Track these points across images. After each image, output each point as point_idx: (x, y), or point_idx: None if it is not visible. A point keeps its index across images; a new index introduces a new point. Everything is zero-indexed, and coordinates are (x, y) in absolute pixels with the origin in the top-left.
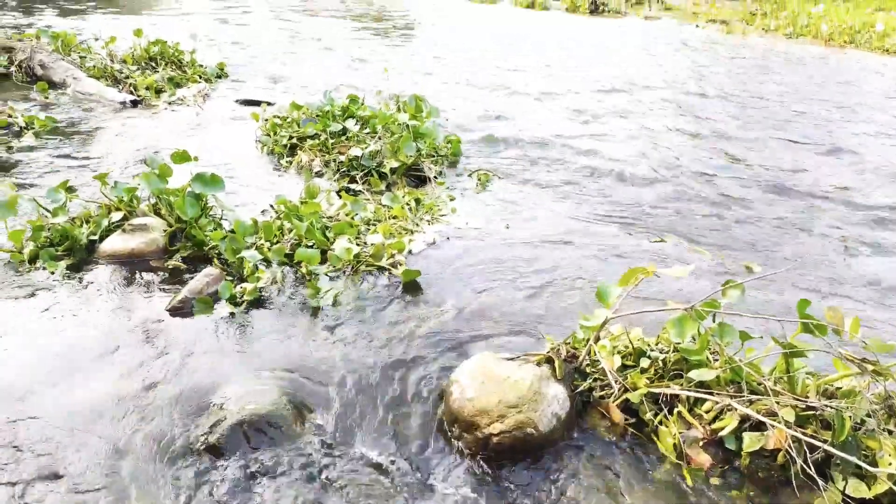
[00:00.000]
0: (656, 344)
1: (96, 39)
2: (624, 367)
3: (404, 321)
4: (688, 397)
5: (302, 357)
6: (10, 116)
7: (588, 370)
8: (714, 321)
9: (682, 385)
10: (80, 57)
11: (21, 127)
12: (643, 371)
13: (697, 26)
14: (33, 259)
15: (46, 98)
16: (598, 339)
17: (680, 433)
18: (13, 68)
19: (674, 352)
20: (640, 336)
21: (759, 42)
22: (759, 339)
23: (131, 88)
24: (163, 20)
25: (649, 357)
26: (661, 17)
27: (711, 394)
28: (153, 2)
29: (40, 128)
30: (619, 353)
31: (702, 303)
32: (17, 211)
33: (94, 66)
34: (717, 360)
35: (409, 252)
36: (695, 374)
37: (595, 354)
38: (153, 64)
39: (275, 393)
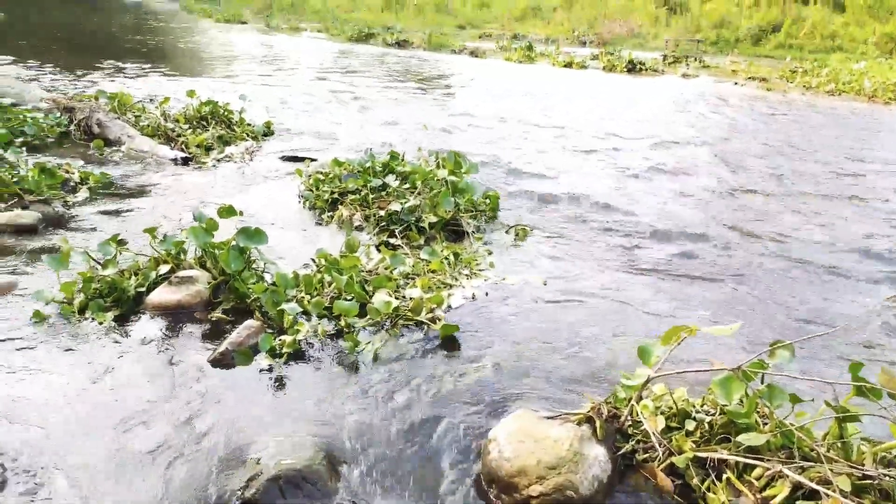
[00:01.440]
0: (702, 405)
1: (151, 100)
2: (668, 429)
3: (442, 376)
4: (737, 462)
5: (338, 411)
6: (67, 172)
7: (630, 431)
8: (762, 383)
9: (730, 449)
10: (136, 116)
11: (77, 182)
12: (689, 434)
13: (736, 84)
14: (83, 310)
15: (102, 155)
16: (640, 399)
17: (729, 500)
18: (73, 127)
19: (720, 414)
20: (684, 397)
21: (800, 99)
22: (810, 402)
23: (183, 146)
24: (215, 82)
25: (695, 419)
26: (699, 75)
27: (762, 459)
28: (208, 66)
29: (95, 183)
30: (662, 413)
31: (749, 363)
32: (69, 263)
33: (149, 125)
34: (766, 423)
35: (448, 306)
36: (743, 439)
37: (638, 415)
38: (204, 123)
39: (310, 448)
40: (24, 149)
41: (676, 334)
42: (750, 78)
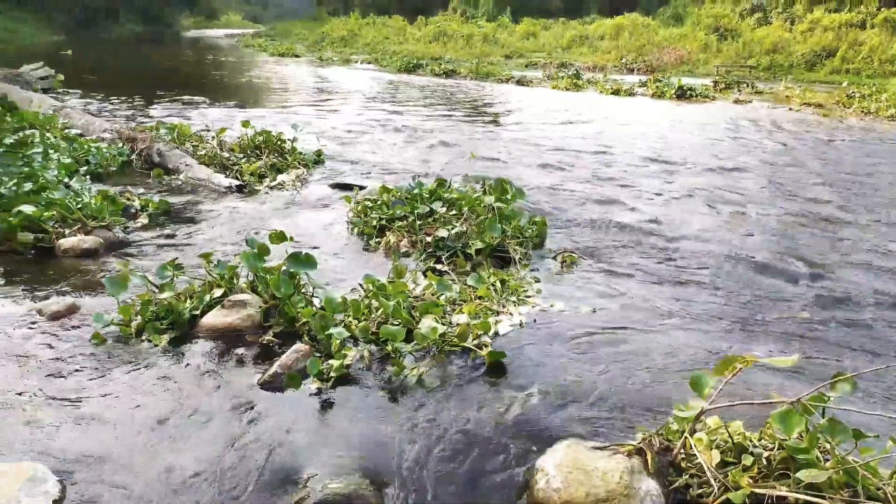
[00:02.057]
0: (759, 439)
1: (208, 130)
2: (724, 464)
3: (488, 403)
4: (797, 500)
5: (384, 436)
6: (128, 200)
7: (684, 465)
8: (823, 417)
9: (789, 486)
10: (193, 146)
11: (137, 209)
12: (745, 469)
13: (791, 109)
14: (140, 332)
15: (161, 183)
16: (694, 432)
17: None
18: (134, 156)
19: (779, 449)
20: (740, 430)
21: (858, 125)
22: (874, 438)
23: (237, 174)
24: (269, 113)
25: (752, 454)
26: (751, 100)
27: (823, 497)
28: (263, 97)
29: (154, 210)
30: (717, 447)
31: (808, 396)
32: (128, 287)
33: (205, 154)
34: (828, 459)
35: (495, 333)
36: (804, 475)
37: (691, 448)
38: (258, 152)
39: (357, 472)
40: (88, 177)
41: (731, 365)
42: (805, 103)
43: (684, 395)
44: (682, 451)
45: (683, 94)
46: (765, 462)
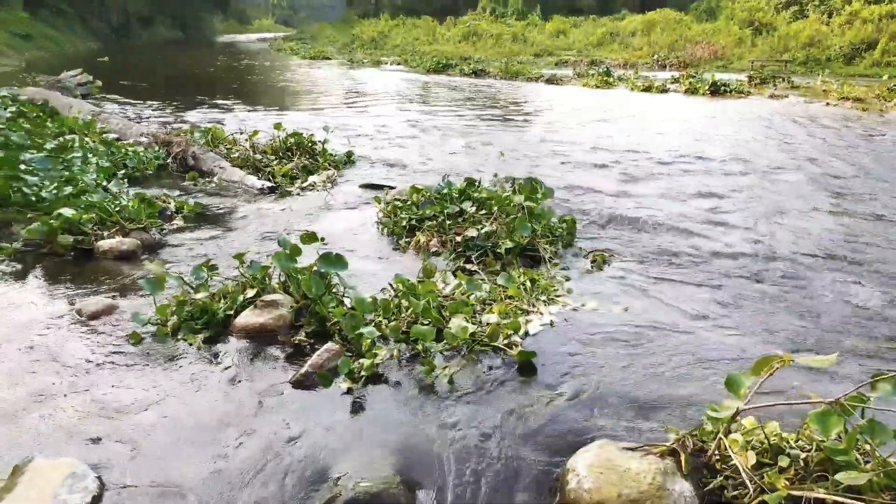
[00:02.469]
0: (796, 441)
1: (241, 133)
2: (759, 465)
3: (518, 403)
4: (835, 503)
5: (414, 435)
6: (164, 202)
7: (718, 466)
8: (863, 417)
9: (827, 489)
10: (227, 149)
11: (172, 211)
12: (782, 470)
13: (828, 104)
14: (175, 331)
15: (196, 185)
16: (728, 433)
17: None
18: (170, 160)
19: (817, 450)
20: (776, 431)
21: None
22: None
23: (269, 176)
24: (301, 114)
25: (788, 455)
26: (787, 95)
27: (863, 500)
28: (295, 99)
29: (189, 212)
30: (753, 448)
31: (847, 396)
32: (165, 287)
33: (238, 157)
34: (867, 461)
35: (525, 333)
36: (843, 477)
37: (726, 449)
38: (289, 153)
39: (387, 470)
40: (125, 180)
41: (768, 364)
42: (843, 98)
43: (718, 395)
44: (716, 452)
45: (717, 90)
46: (802, 464)
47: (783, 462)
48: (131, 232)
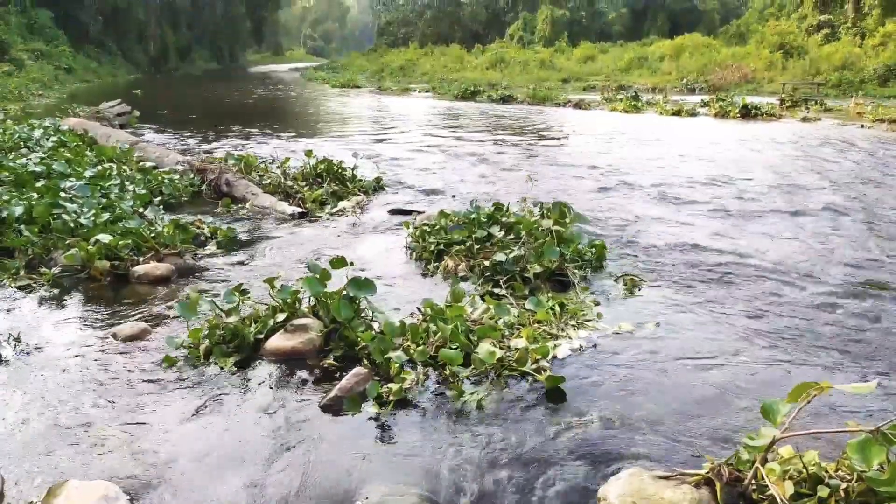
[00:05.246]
0: (836, 470)
1: (273, 160)
2: (798, 496)
3: (547, 429)
4: None
5: (442, 461)
6: (198, 228)
7: (755, 496)
8: None
9: None
10: (259, 175)
11: (206, 237)
12: (821, 501)
13: (863, 126)
14: (207, 355)
15: (229, 212)
16: (765, 462)
17: None
18: (204, 187)
19: (858, 481)
20: (815, 460)
21: None
22: None
23: (300, 202)
24: (331, 141)
25: (828, 485)
26: (820, 118)
27: None
28: (325, 127)
29: (222, 237)
30: (791, 478)
31: (889, 425)
32: (198, 311)
33: (270, 183)
34: None
35: (554, 357)
36: None
37: (763, 479)
38: (320, 180)
39: (414, 496)
40: (161, 207)
41: (805, 391)
42: (878, 120)
43: (753, 423)
44: (752, 481)
45: (748, 113)
46: (842, 494)
47: (823, 493)
48: (166, 257)
